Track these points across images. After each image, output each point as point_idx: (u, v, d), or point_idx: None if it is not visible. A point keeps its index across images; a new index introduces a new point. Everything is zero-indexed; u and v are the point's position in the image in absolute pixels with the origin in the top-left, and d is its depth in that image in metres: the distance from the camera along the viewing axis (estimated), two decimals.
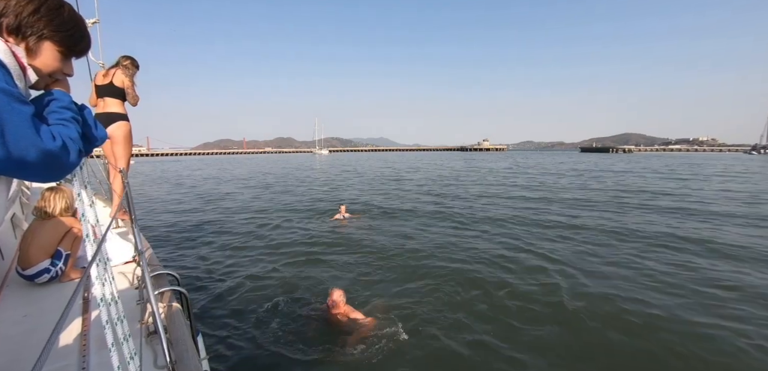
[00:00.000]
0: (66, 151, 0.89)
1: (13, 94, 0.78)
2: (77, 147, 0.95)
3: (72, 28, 1.02)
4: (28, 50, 0.94)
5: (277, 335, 4.23)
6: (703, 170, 31.20)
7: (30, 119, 0.80)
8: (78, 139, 0.97)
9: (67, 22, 1.00)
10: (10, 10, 0.90)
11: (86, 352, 1.72)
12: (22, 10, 0.91)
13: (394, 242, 8.05)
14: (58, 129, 0.91)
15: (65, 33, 1.00)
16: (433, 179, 23.19)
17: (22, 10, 0.91)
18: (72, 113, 1.00)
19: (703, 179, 22.45)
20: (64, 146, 0.89)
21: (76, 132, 0.97)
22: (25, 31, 0.92)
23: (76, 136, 0.96)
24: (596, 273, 6.01)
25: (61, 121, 0.96)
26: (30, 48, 0.94)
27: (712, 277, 5.80)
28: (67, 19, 1.00)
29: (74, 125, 0.98)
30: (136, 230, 1.96)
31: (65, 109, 0.99)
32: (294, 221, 10.52)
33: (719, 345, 3.98)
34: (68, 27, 1.01)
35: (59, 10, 0.98)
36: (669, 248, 7.42)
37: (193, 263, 6.79)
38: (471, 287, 5.48)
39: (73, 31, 1.02)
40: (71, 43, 1.03)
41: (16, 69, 0.88)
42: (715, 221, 10.04)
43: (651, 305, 4.82)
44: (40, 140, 0.81)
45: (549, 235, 8.54)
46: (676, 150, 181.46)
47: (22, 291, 2.41)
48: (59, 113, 0.97)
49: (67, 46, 1.02)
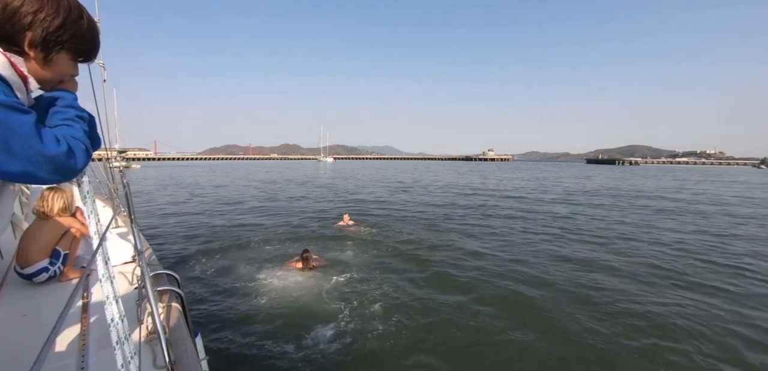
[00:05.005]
0: (71, 153, 0.89)
1: (14, 106, 0.78)
2: (83, 146, 0.94)
3: (90, 38, 1.02)
4: (46, 61, 0.93)
5: (277, 336, 4.22)
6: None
7: (33, 127, 0.80)
8: (84, 137, 0.96)
9: (87, 33, 1.00)
10: (37, 23, 0.88)
11: (85, 352, 1.71)
12: (50, 25, 0.90)
13: (397, 247, 8.01)
14: (62, 131, 0.90)
15: (84, 44, 1.00)
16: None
17: (50, 25, 0.90)
18: (76, 112, 1.00)
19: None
20: (69, 149, 0.88)
21: (81, 131, 0.96)
22: (48, 43, 0.91)
23: (81, 135, 0.95)
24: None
25: (65, 121, 0.95)
26: (49, 59, 0.93)
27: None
28: (86, 30, 0.99)
29: (79, 124, 0.98)
30: (135, 230, 1.96)
31: (69, 107, 0.99)
32: (296, 226, 10.54)
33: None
34: (87, 37, 1.00)
35: (80, 22, 0.97)
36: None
37: (192, 264, 6.80)
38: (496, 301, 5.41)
39: (91, 40, 1.02)
40: (88, 51, 1.03)
41: (17, 80, 0.87)
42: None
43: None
44: (45, 146, 0.81)
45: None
46: (684, 163, 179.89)
47: (21, 290, 2.41)
48: (63, 112, 0.97)
49: (84, 55, 1.03)
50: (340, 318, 4.67)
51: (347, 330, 4.39)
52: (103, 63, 4.34)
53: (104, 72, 4.44)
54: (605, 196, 20.28)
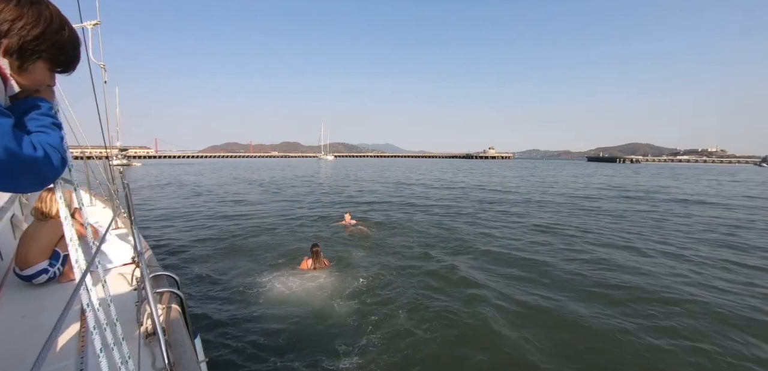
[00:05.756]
0: (48, 159, 0.87)
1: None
2: (60, 155, 0.93)
3: (70, 49, 1.00)
4: (21, 69, 0.91)
5: (277, 337, 4.21)
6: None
7: (10, 130, 0.78)
8: (60, 145, 0.94)
9: (67, 44, 0.99)
10: (14, 31, 0.87)
11: (84, 353, 1.70)
12: (28, 34, 0.88)
13: (399, 246, 8.02)
14: (38, 138, 0.88)
15: (63, 55, 0.99)
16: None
17: (28, 34, 0.88)
18: (52, 120, 0.98)
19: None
20: (45, 155, 0.86)
21: (58, 139, 0.95)
22: (24, 52, 0.89)
23: (58, 143, 0.94)
24: None
25: (41, 128, 0.93)
26: (24, 67, 0.91)
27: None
28: (66, 41, 0.98)
29: (56, 132, 0.96)
30: (135, 231, 1.96)
31: (45, 115, 0.97)
32: (297, 225, 10.53)
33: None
34: (67, 49, 0.99)
35: (61, 33, 0.96)
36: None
37: (192, 265, 6.79)
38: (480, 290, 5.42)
39: (71, 52, 1.01)
40: (67, 63, 1.02)
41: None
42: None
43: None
44: (21, 150, 0.79)
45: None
46: (685, 161, 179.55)
47: (20, 291, 2.41)
48: (39, 119, 0.95)
49: (62, 66, 1.01)
50: (341, 318, 4.67)
51: (348, 329, 4.38)
52: (103, 64, 4.33)
53: (105, 74, 4.43)
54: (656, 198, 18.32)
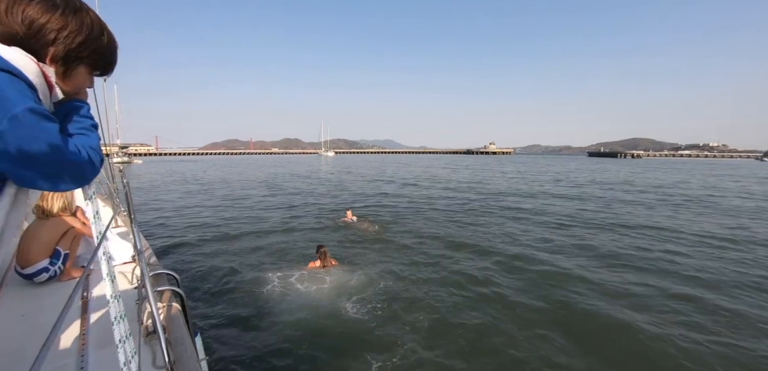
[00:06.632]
0: (90, 161, 0.93)
1: (43, 114, 0.80)
2: (99, 156, 0.98)
3: (108, 54, 1.04)
4: (65, 74, 0.95)
5: (277, 336, 4.21)
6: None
7: (58, 135, 0.82)
8: (98, 147, 0.99)
9: (106, 49, 1.03)
10: (60, 40, 0.90)
11: (85, 352, 1.71)
12: (73, 42, 0.92)
13: (401, 243, 8.02)
14: (80, 140, 0.94)
15: (103, 60, 1.03)
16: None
17: (73, 42, 0.92)
18: (91, 121, 1.03)
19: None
20: (88, 157, 0.92)
21: (96, 141, 1.00)
22: (68, 59, 0.94)
23: (96, 144, 0.99)
24: None
25: (82, 130, 0.99)
26: (67, 73, 0.95)
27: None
28: (105, 46, 1.02)
29: (94, 134, 1.02)
30: (135, 229, 1.95)
31: (85, 117, 1.02)
32: (298, 223, 10.52)
33: None
34: (106, 54, 1.03)
35: (101, 39, 1.00)
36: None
37: (192, 263, 6.79)
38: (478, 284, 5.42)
39: (109, 57, 1.05)
40: (106, 67, 1.06)
41: (44, 88, 0.89)
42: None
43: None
44: (67, 153, 0.84)
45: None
46: (686, 156, 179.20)
47: (21, 290, 2.41)
48: (80, 121, 1.00)
49: (101, 69, 1.06)
50: (341, 317, 4.66)
51: (349, 330, 4.37)
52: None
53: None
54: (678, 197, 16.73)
